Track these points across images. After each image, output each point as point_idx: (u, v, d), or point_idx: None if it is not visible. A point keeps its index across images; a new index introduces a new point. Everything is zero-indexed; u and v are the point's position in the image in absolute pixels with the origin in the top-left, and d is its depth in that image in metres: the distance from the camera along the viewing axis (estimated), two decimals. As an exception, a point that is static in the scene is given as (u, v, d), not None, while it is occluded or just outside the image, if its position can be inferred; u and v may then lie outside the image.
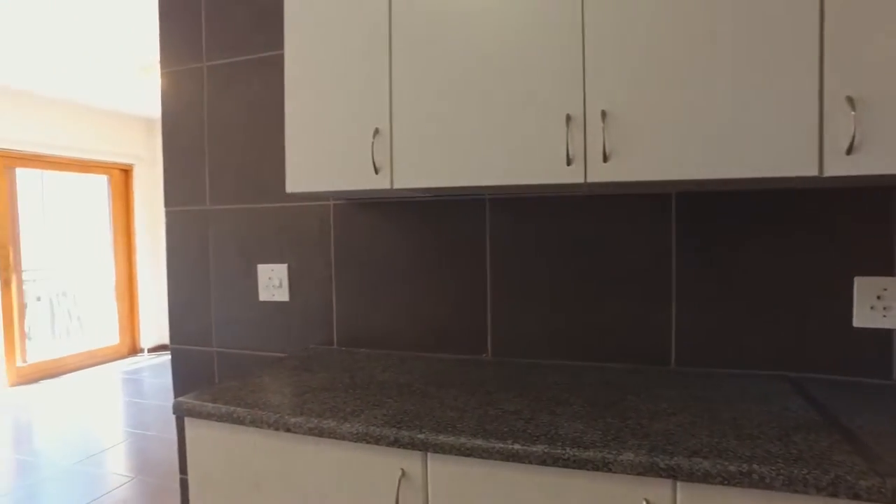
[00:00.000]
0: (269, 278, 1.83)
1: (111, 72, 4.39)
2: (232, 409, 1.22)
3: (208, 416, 1.24)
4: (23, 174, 5.20)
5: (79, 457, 3.45)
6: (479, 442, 1.02)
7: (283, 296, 1.82)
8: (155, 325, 6.18)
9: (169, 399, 4.59)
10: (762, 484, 0.87)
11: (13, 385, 4.96)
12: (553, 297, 1.57)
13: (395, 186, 1.35)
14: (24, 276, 5.22)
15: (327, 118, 1.42)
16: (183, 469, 2.05)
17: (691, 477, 0.90)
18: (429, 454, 1.08)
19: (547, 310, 1.58)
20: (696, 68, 1.14)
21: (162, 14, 1.99)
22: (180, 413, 1.27)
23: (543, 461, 0.99)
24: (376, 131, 1.35)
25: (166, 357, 5.93)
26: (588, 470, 0.97)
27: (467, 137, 1.29)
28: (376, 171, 1.35)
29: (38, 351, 5.51)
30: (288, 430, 1.16)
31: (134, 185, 6.01)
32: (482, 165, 1.29)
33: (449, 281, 1.67)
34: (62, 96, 5.07)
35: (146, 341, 6.11)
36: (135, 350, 6.08)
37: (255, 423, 1.19)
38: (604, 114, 1.19)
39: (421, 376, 1.46)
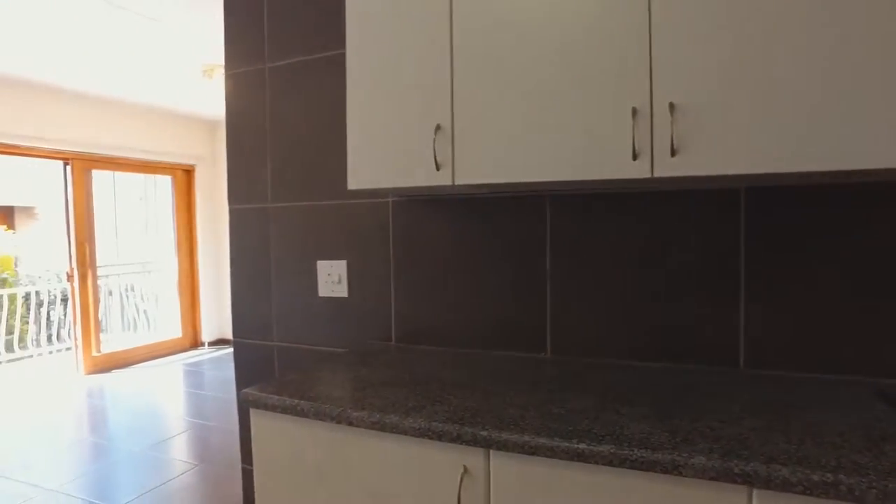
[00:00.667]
0: (329, 274, 1.86)
1: (176, 76, 4.57)
2: (296, 402, 1.24)
3: (273, 408, 1.28)
4: (97, 176, 5.50)
5: (147, 443, 3.62)
6: (543, 440, 1.01)
7: (342, 292, 1.85)
8: (214, 319, 6.42)
9: (227, 391, 4.76)
10: (850, 497, 0.82)
11: (88, 373, 5.26)
12: (615, 295, 1.53)
13: (457, 183, 1.34)
14: (99, 272, 5.51)
15: (388, 116, 1.43)
16: (245, 458, 2.11)
17: (769, 484, 0.86)
18: (491, 451, 1.07)
19: (608, 308, 1.54)
20: (770, 56, 1.08)
21: (227, 18, 2.06)
22: (246, 404, 1.31)
23: (610, 462, 0.96)
24: (438, 127, 1.35)
25: (225, 350, 6.16)
26: (657, 472, 0.94)
27: (529, 133, 1.28)
28: (438, 168, 1.35)
29: (110, 342, 5.83)
30: (350, 424, 1.18)
31: (196, 184, 6.25)
32: (544, 161, 1.27)
33: (508, 278, 1.65)
34: (133, 101, 5.32)
35: (206, 335, 6.36)
36: (196, 343, 6.33)
37: (318, 415, 1.21)
38: (672, 106, 1.15)
39: (480, 373, 1.45)
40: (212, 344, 6.37)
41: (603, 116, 1.21)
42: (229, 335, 6.40)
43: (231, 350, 6.15)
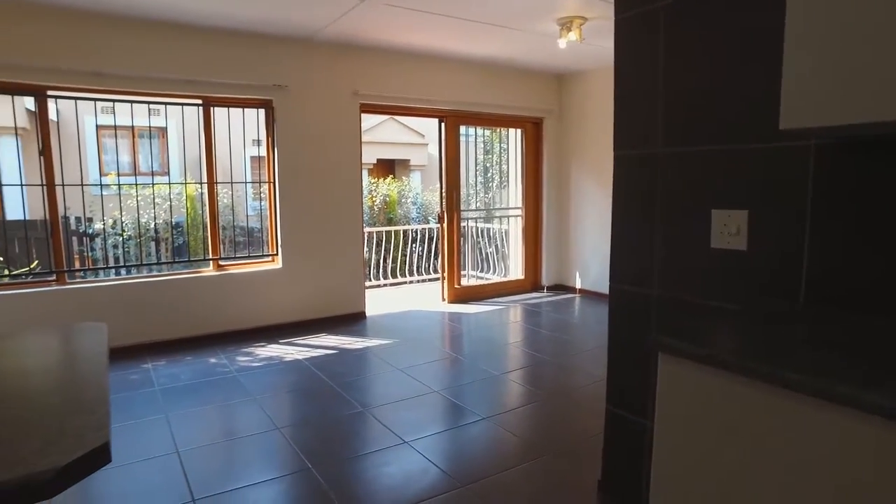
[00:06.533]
0: (725, 225, 1.72)
1: (531, 33, 4.82)
2: (716, 352, 1.19)
3: (686, 356, 1.24)
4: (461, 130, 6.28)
5: (499, 369, 4.10)
6: None
7: (739, 244, 1.69)
8: (554, 266, 6.81)
9: (564, 332, 5.04)
10: None
11: (450, 302, 6.19)
12: None
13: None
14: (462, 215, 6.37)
15: (846, 38, 1.18)
16: (610, 399, 2.18)
17: None
18: None
19: None
20: None
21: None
22: (658, 349, 1.30)
23: None
24: (923, 45, 1.07)
25: (562, 296, 6.51)
26: None
27: None
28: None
29: (465, 278, 6.74)
30: (785, 387, 1.06)
31: (544, 137, 6.60)
32: None
33: None
34: (492, 60, 5.85)
35: (546, 279, 6.81)
36: (536, 286, 6.84)
37: (744, 371, 1.13)
38: None
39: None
40: (549, 288, 6.81)
41: None
42: (567, 282, 6.77)
43: (568, 296, 6.51)
